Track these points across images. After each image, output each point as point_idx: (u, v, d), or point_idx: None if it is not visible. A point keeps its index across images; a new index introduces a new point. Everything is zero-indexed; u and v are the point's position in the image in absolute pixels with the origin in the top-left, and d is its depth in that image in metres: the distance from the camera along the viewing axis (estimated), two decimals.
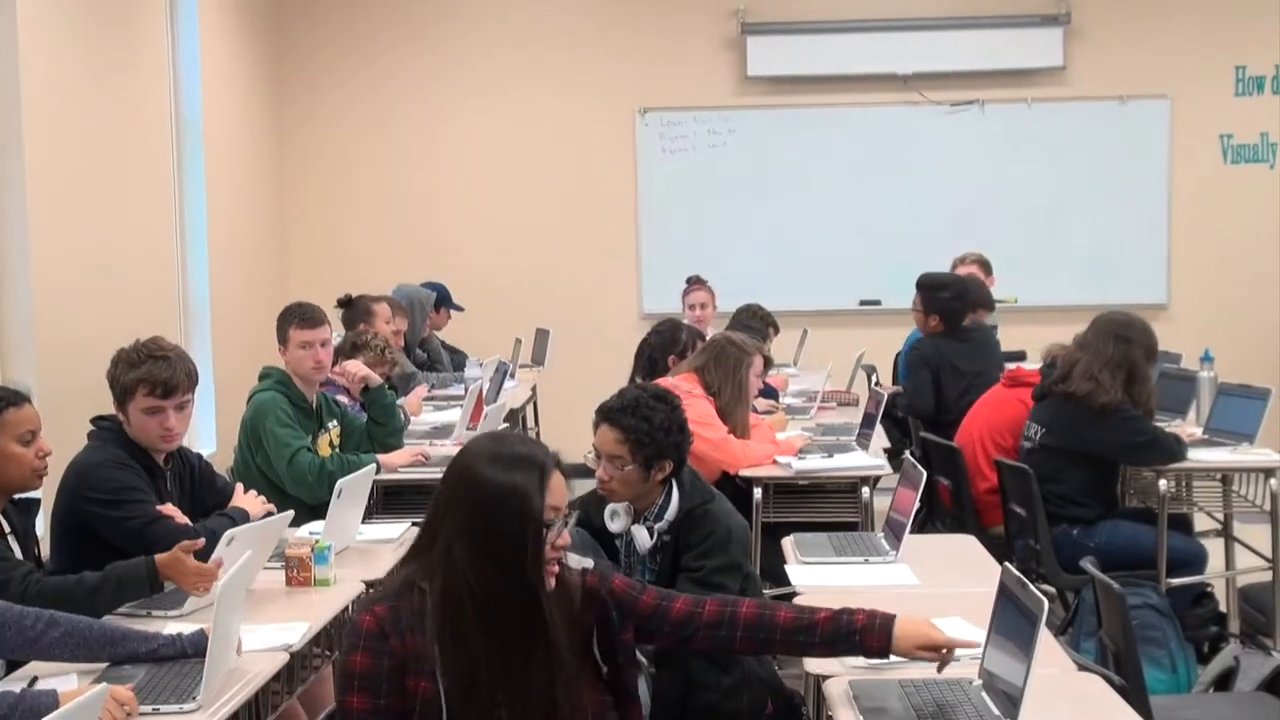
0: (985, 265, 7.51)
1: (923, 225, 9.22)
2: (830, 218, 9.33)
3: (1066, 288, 9.12)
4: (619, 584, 2.66)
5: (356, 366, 5.37)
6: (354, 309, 6.08)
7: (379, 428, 5.19)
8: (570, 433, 3.79)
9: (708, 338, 5.90)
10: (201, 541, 3.33)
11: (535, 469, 2.46)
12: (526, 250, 9.48)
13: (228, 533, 3.28)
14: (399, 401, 5.76)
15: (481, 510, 2.43)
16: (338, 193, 9.50)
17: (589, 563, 2.66)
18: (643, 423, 3.58)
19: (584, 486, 4.09)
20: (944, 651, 2.63)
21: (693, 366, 5.34)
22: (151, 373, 3.68)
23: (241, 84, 8.62)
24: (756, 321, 7.05)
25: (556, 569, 2.50)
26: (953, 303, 6.62)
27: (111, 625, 2.95)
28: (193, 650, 2.87)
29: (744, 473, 5.14)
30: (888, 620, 2.63)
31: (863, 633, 2.62)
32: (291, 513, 3.63)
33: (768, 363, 6.19)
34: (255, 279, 8.64)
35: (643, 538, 3.68)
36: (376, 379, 5.33)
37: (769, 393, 6.45)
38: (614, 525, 3.72)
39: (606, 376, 5.81)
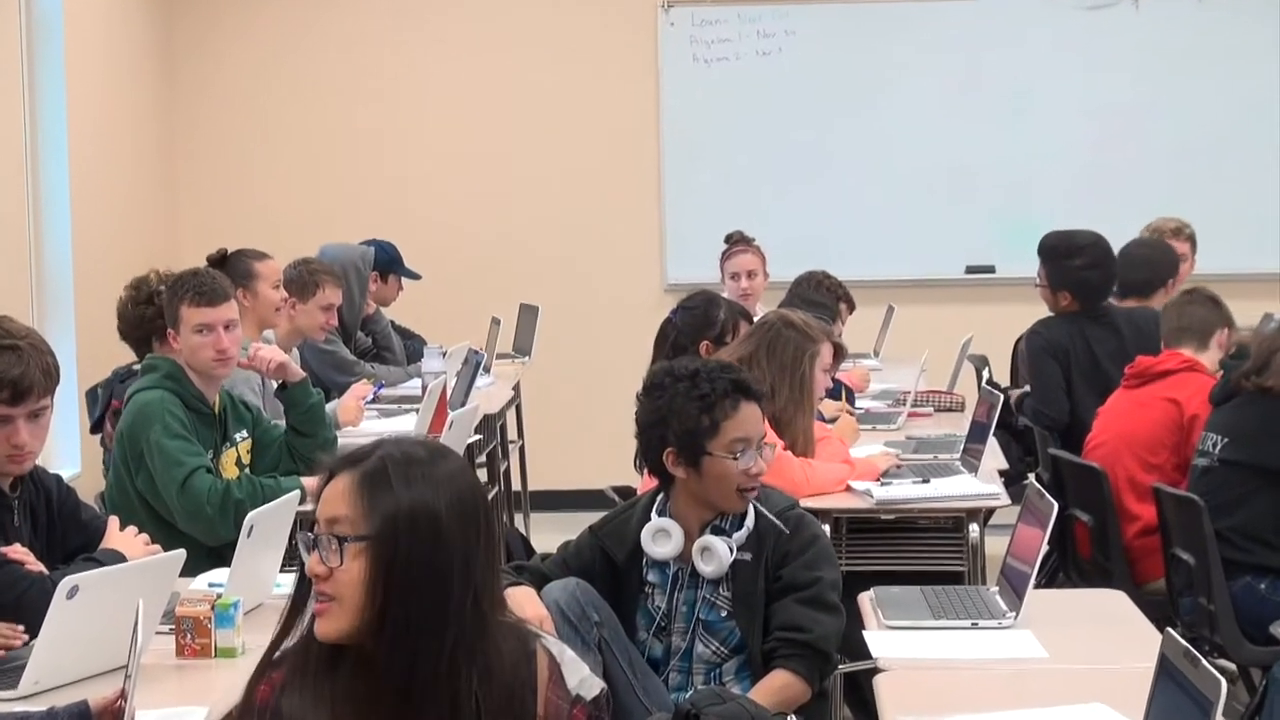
0: (1193, 240, 7.37)
1: (1050, 165, 9.23)
2: (923, 155, 9.31)
3: (1251, 251, 9.12)
4: None
5: (272, 352, 5.37)
6: (231, 268, 5.96)
7: (303, 439, 5.19)
8: (565, 446, 3.77)
9: (756, 318, 5.89)
10: (18, 642, 3.37)
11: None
12: (507, 201, 9.50)
13: (67, 580, 3.27)
14: (329, 406, 5.74)
15: None
16: (248, 125, 9.53)
17: (597, 687, 2.55)
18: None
19: (589, 518, 4.10)
20: None
21: (736, 356, 5.31)
22: None
23: None
24: (823, 295, 7.07)
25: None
26: (1085, 272, 6.60)
27: None
28: None
29: (807, 502, 5.12)
30: None
31: None
32: (182, 552, 3.62)
33: (839, 352, 6.16)
34: (134, 241, 8.66)
35: (723, 553, 3.79)
36: (298, 372, 5.33)
37: (839, 392, 6.44)
38: (662, 549, 3.82)
39: (615, 370, 5.82)
